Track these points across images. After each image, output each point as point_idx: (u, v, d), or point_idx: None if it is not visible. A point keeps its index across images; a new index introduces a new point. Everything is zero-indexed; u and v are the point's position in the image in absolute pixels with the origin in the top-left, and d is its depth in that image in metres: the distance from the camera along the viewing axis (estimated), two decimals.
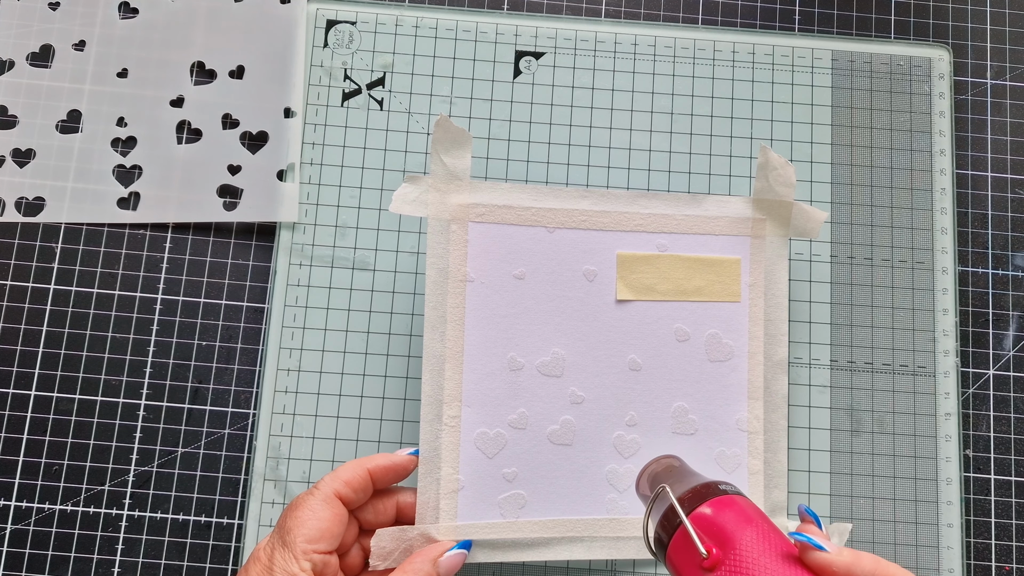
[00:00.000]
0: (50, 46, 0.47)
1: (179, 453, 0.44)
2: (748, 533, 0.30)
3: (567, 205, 0.43)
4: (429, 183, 0.41)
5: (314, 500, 0.37)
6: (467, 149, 0.41)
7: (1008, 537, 0.45)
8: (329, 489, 0.37)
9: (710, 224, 0.43)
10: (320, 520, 0.36)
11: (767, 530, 0.30)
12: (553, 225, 0.43)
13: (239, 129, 0.47)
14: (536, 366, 0.42)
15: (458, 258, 0.41)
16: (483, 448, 0.41)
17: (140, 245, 0.46)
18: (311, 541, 0.35)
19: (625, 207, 0.43)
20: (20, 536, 0.43)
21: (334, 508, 0.37)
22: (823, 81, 0.49)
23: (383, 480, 0.39)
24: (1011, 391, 0.47)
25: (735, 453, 0.42)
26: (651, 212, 0.43)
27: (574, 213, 0.43)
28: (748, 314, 0.43)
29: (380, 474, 0.38)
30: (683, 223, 0.43)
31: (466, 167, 0.41)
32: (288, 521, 0.36)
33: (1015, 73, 0.50)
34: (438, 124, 0.40)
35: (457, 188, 0.41)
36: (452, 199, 0.41)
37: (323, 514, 0.36)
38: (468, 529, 0.40)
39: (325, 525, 0.36)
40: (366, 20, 0.48)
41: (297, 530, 0.36)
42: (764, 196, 0.43)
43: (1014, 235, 0.48)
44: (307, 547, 0.35)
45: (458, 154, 0.41)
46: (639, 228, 0.43)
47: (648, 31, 0.49)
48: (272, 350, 0.45)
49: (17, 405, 0.44)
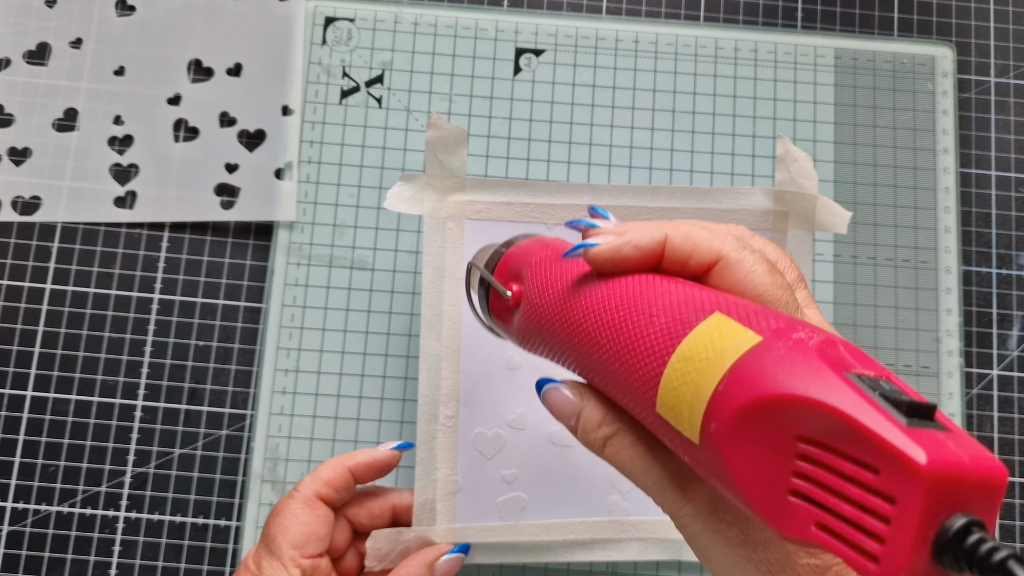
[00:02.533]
0: (46, 44, 0.47)
1: (176, 454, 0.44)
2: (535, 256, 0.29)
3: (567, 201, 0.41)
4: (425, 181, 0.40)
5: (295, 504, 0.36)
6: (463, 146, 0.40)
7: (1011, 539, 0.45)
8: (309, 491, 0.36)
9: (725, 218, 0.41)
10: (303, 524, 0.35)
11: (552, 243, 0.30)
12: (553, 221, 0.41)
13: (236, 127, 0.46)
14: (535, 365, 0.41)
15: (455, 256, 0.40)
16: (481, 449, 0.41)
17: (137, 244, 0.46)
18: (297, 547, 0.35)
19: (629, 201, 0.41)
20: (16, 538, 0.43)
21: (317, 510, 0.36)
22: (826, 79, 0.48)
23: (365, 477, 0.38)
24: (1015, 391, 0.46)
25: None
26: (659, 206, 0.41)
27: (574, 208, 0.41)
28: None
29: (361, 471, 0.37)
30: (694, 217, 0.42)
31: (462, 164, 0.40)
32: (271, 529, 0.35)
33: (1019, 71, 0.50)
34: (431, 123, 0.40)
35: (453, 185, 0.41)
36: (448, 197, 0.41)
37: (305, 518, 0.35)
38: (466, 532, 0.40)
39: (309, 529, 0.35)
40: (364, 17, 0.48)
41: (281, 537, 0.35)
42: (786, 188, 0.41)
43: (1018, 234, 0.48)
44: (294, 553, 0.35)
45: (454, 152, 0.40)
46: None
47: (649, 28, 0.48)
48: (270, 350, 0.44)
49: (13, 405, 0.44)
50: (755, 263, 0.24)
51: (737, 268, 0.24)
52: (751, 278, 0.23)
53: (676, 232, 0.24)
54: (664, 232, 0.24)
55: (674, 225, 0.25)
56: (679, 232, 0.24)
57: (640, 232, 0.25)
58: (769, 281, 0.23)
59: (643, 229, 0.25)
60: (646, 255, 0.24)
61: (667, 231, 0.24)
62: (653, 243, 0.24)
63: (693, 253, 0.24)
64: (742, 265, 0.24)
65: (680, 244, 0.24)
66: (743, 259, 0.24)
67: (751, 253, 0.24)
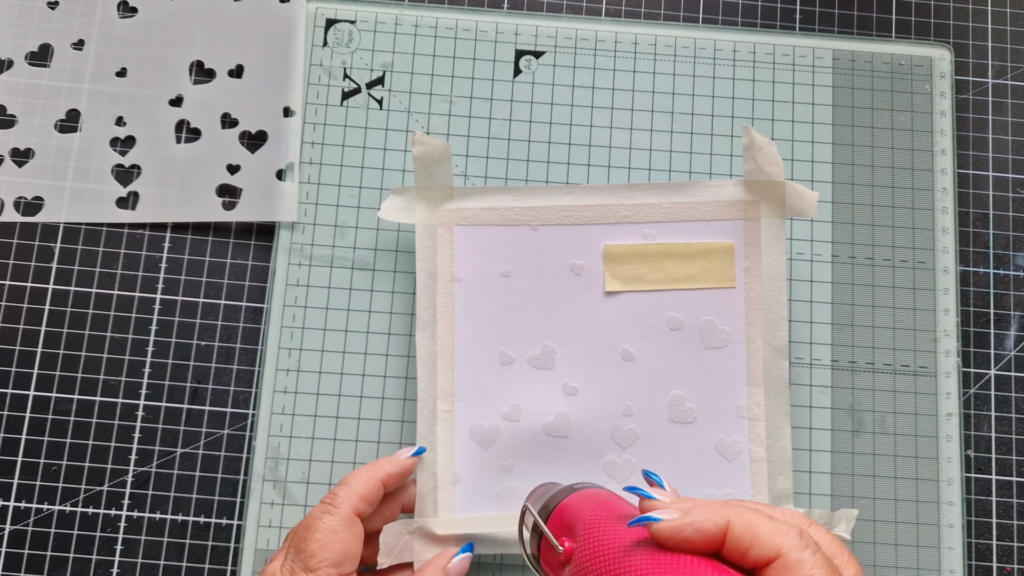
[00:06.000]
0: (49, 45, 0.47)
1: (178, 453, 0.44)
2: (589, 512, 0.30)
3: (550, 202, 0.43)
4: (415, 192, 0.43)
5: (334, 521, 0.35)
6: (447, 159, 0.42)
7: (1009, 538, 0.45)
8: (349, 508, 0.36)
9: (699, 210, 0.43)
10: (344, 543, 0.35)
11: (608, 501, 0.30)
12: (537, 223, 0.43)
13: (238, 128, 0.47)
14: (527, 359, 0.42)
15: (445, 260, 0.43)
16: (477, 440, 0.42)
17: (139, 245, 0.46)
18: (335, 565, 0.34)
19: (608, 199, 0.43)
20: (19, 537, 0.43)
21: (354, 528, 0.36)
22: (824, 80, 0.48)
23: (392, 486, 0.39)
24: (1012, 391, 0.46)
25: (735, 440, 0.42)
26: (636, 202, 0.43)
27: (557, 209, 0.43)
28: (744, 299, 0.43)
29: (391, 482, 0.38)
30: (670, 211, 0.43)
31: (448, 175, 0.43)
32: (309, 544, 0.35)
33: (1016, 72, 0.50)
34: (416, 140, 0.42)
35: (442, 195, 0.43)
36: (438, 206, 0.43)
37: (345, 536, 0.35)
38: (467, 522, 0.40)
39: (348, 547, 0.35)
40: (365, 19, 0.48)
41: (321, 554, 0.34)
42: (755, 177, 0.43)
43: (1015, 235, 0.48)
44: (332, 572, 0.34)
45: (440, 164, 0.42)
46: (624, 219, 0.43)
47: (649, 30, 0.48)
48: (271, 350, 0.45)
49: (15, 405, 0.44)
50: (814, 566, 0.24)
51: (795, 569, 0.24)
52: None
53: (738, 521, 0.25)
54: (727, 519, 0.25)
55: (738, 511, 0.25)
56: (741, 521, 0.25)
57: (704, 515, 0.25)
58: None
59: (707, 512, 0.25)
60: (708, 540, 0.25)
61: (730, 517, 0.25)
62: (716, 528, 0.25)
63: (753, 545, 0.24)
64: (801, 568, 0.24)
65: (741, 534, 0.25)
66: (803, 560, 0.24)
67: (812, 554, 0.24)
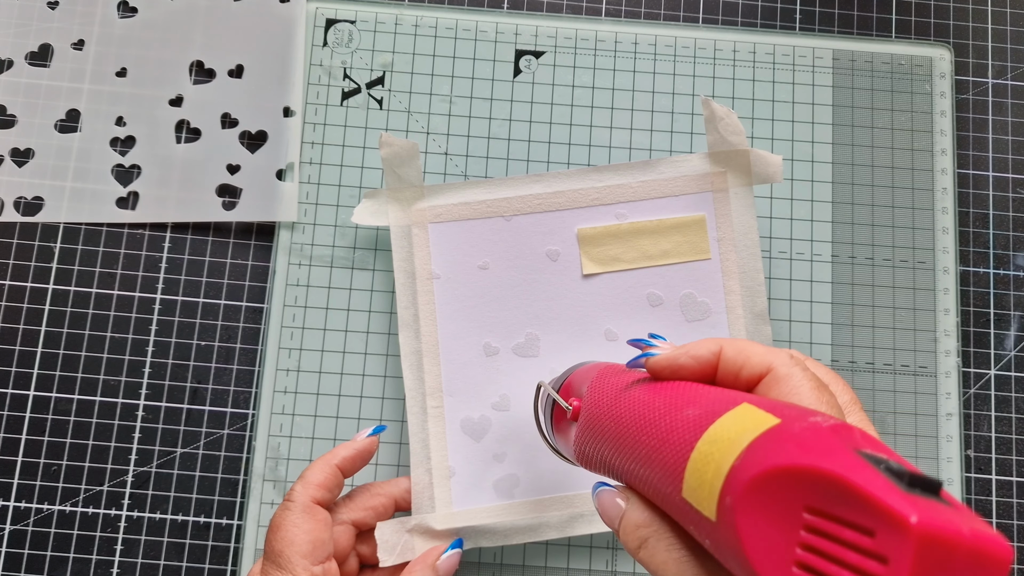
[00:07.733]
0: (49, 45, 0.47)
1: (178, 453, 0.44)
2: (594, 374, 0.30)
3: (520, 192, 0.44)
4: (387, 194, 0.43)
5: (294, 515, 0.36)
6: (415, 158, 0.43)
7: (1009, 538, 0.45)
8: (305, 498, 0.36)
9: (668, 186, 0.44)
10: (307, 532, 0.35)
11: (612, 365, 0.31)
12: (510, 213, 0.44)
13: (238, 128, 0.47)
14: (511, 348, 0.43)
15: (423, 259, 0.43)
16: (469, 432, 0.42)
17: (139, 245, 0.46)
18: (306, 556, 0.35)
19: (578, 184, 0.44)
20: (18, 537, 0.43)
21: (316, 516, 0.36)
22: (824, 80, 0.48)
23: (351, 470, 0.38)
24: (1012, 391, 0.46)
25: None
26: (605, 184, 0.44)
27: (528, 198, 0.44)
28: (721, 269, 0.43)
29: (347, 465, 0.38)
30: (639, 190, 0.44)
31: (418, 174, 0.43)
32: (276, 544, 0.35)
33: (1016, 72, 0.50)
34: (383, 142, 0.42)
35: (413, 195, 0.43)
36: (410, 206, 0.43)
37: (308, 526, 0.36)
38: (465, 515, 0.41)
39: (314, 536, 0.35)
40: (365, 19, 0.48)
41: (288, 551, 0.35)
42: (719, 148, 0.43)
43: (1015, 235, 0.48)
44: (304, 563, 0.35)
45: (408, 164, 0.43)
46: (595, 202, 0.44)
47: (648, 30, 0.48)
48: (271, 350, 0.45)
49: (15, 405, 0.44)
50: (803, 379, 0.24)
51: (785, 382, 0.24)
52: (797, 391, 0.24)
53: (730, 346, 0.25)
54: (720, 345, 0.26)
55: (731, 340, 0.26)
56: (733, 346, 0.25)
57: (697, 344, 0.26)
58: (815, 397, 0.24)
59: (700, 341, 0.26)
60: (702, 365, 0.26)
61: (723, 344, 0.26)
62: (709, 354, 0.26)
63: (745, 365, 0.25)
64: (790, 380, 0.24)
65: (733, 356, 0.25)
66: (792, 374, 0.24)
67: (802, 371, 0.24)
